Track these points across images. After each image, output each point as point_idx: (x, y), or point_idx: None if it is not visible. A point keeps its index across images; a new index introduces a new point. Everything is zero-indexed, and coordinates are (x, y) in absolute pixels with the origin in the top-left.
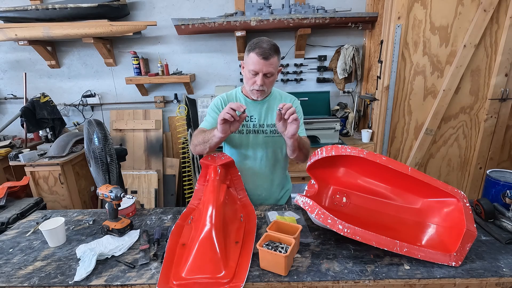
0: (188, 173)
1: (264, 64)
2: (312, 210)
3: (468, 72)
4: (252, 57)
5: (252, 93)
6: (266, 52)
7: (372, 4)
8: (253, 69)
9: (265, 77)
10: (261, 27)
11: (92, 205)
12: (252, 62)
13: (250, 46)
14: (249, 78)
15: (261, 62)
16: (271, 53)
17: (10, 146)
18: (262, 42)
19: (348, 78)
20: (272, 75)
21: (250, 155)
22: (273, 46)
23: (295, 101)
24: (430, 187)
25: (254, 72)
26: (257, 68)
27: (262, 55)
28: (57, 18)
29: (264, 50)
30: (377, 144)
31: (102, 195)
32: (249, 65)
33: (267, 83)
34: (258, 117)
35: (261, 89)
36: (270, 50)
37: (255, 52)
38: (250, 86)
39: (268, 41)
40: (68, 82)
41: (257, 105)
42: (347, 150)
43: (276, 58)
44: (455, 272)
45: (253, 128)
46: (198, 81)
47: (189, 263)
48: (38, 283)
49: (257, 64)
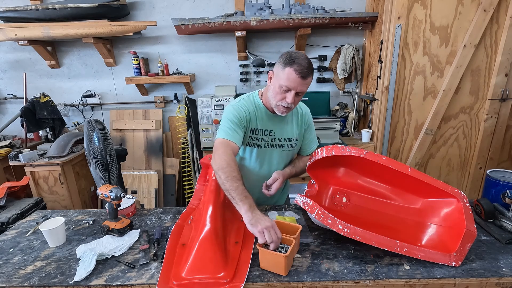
0: (188, 173)
1: (300, 83)
2: (312, 210)
3: (468, 72)
4: (289, 73)
5: (278, 108)
6: (304, 71)
7: (372, 4)
8: (287, 85)
9: (296, 95)
10: (261, 27)
11: (92, 205)
12: (287, 78)
13: (287, 60)
14: (278, 92)
15: (298, 80)
16: (309, 73)
17: (10, 146)
18: (301, 59)
19: (348, 78)
20: (302, 93)
21: (265, 168)
22: (311, 65)
23: (309, 116)
24: (430, 187)
25: (286, 88)
26: (292, 85)
27: (301, 73)
28: (57, 18)
29: (303, 68)
30: (377, 144)
31: (102, 195)
32: (282, 80)
33: (296, 101)
34: (277, 132)
35: (289, 106)
36: (308, 70)
37: (294, 69)
38: (278, 101)
39: (305, 58)
40: (68, 82)
41: (276, 119)
42: (347, 150)
43: (311, 78)
44: (455, 272)
45: (272, 142)
46: (198, 81)
47: (189, 263)
48: (38, 283)
49: (293, 82)
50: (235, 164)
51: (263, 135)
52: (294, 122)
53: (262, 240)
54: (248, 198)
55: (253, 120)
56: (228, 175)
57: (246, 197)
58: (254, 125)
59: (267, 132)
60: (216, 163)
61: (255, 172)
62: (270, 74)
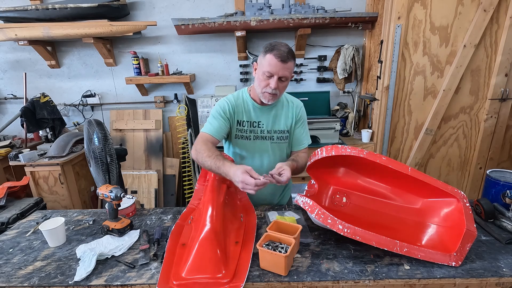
0: (188, 173)
1: (281, 67)
2: (312, 210)
3: (468, 72)
4: (269, 58)
5: (264, 96)
6: (284, 55)
7: (372, 4)
8: (269, 71)
9: (279, 81)
10: (261, 27)
11: (92, 205)
12: (268, 64)
13: (267, 48)
14: (262, 80)
15: (278, 64)
16: (288, 57)
17: (10, 146)
18: (280, 45)
19: (348, 78)
20: (286, 80)
21: (257, 161)
22: (291, 51)
23: (301, 108)
24: (430, 187)
25: (269, 74)
26: (273, 70)
27: (280, 57)
28: (57, 18)
29: (282, 52)
30: (377, 144)
31: (102, 195)
32: (264, 67)
33: (280, 87)
34: (266, 123)
35: (274, 93)
36: (288, 54)
37: (273, 54)
38: (263, 88)
39: (286, 45)
40: (68, 82)
41: (264, 111)
42: (347, 150)
43: (293, 63)
44: (455, 272)
45: (261, 134)
46: (198, 81)
47: (189, 263)
48: (38, 283)
49: (274, 66)
50: (207, 146)
51: (250, 127)
52: (284, 114)
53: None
54: (224, 163)
55: (239, 112)
56: (207, 155)
57: (223, 164)
58: (241, 117)
59: (255, 124)
60: (193, 151)
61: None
62: (255, 65)
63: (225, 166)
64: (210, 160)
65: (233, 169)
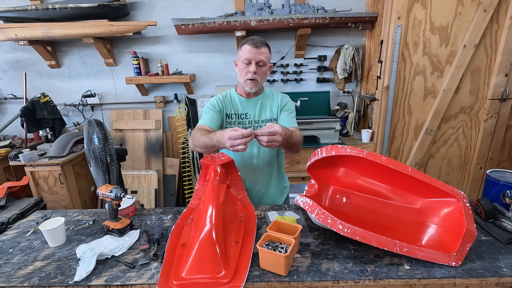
0: (188, 173)
1: (256, 53)
2: (312, 210)
3: (468, 72)
4: (245, 48)
5: (246, 84)
6: (257, 42)
7: (372, 4)
8: (246, 58)
9: (257, 66)
10: (261, 27)
11: (92, 205)
12: (244, 52)
13: (242, 42)
14: (242, 69)
15: (253, 50)
16: (262, 44)
17: (10, 146)
18: (253, 37)
19: (348, 78)
20: (264, 65)
21: (247, 151)
22: (263, 40)
23: (286, 97)
24: (430, 187)
25: (247, 61)
26: (249, 56)
27: (254, 44)
28: (57, 18)
29: (255, 41)
30: (377, 144)
31: (102, 195)
32: (242, 56)
33: (259, 73)
34: (253, 114)
35: (254, 77)
36: (261, 42)
37: (248, 43)
38: (244, 76)
39: (259, 37)
40: (68, 82)
41: (251, 103)
42: (347, 150)
43: (267, 50)
44: (455, 272)
45: (249, 125)
46: (198, 81)
47: (189, 263)
48: (38, 283)
49: (249, 53)
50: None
51: (238, 118)
52: (269, 104)
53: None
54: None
55: (227, 107)
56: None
57: (215, 133)
58: (229, 110)
59: (242, 116)
60: (190, 141)
61: (239, 155)
62: (235, 61)
63: (216, 134)
64: (203, 137)
65: (220, 132)
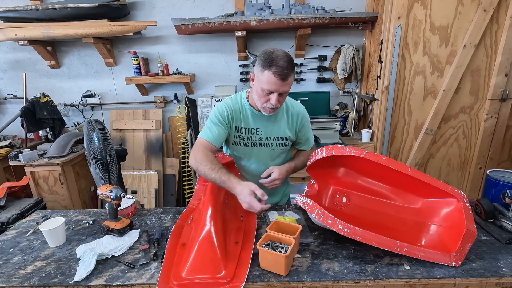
0: (188, 173)
1: (281, 85)
2: (312, 210)
3: (468, 72)
4: (268, 76)
5: (264, 110)
6: (284, 73)
7: (372, 4)
8: (268, 89)
9: (279, 96)
10: (261, 27)
11: (92, 205)
12: (267, 82)
13: (265, 62)
14: (261, 95)
15: (278, 83)
16: (289, 73)
17: (10, 146)
18: (279, 59)
19: (348, 78)
20: (286, 93)
21: (254, 167)
22: (290, 63)
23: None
24: (430, 187)
25: (268, 92)
26: (273, 88)
27: (280, 76)
28: (57, 18)
29: (282, 70)
30: (377, 144)
31: (102, 195)
32: (263, 83)
33: (281, 101)
34: (265, 130)
35: (275, 107)
36: (288, 70)
37: (272, 72)
38: (263, 104)
39: (284, 56)
40: (68, 82)
41: (263, 118)
42: (347, 150)
43: (293, 76)
44: (455, 272)
45: (259, 141)
46: (198, 81)
47: (189, 263)
48: (38, 283)
49: (273, 85)
50: (209, 157)
51: (248, 133)
52: (285, 120)
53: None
54: (230, 179)
55: (237, 119)
56: (209, 168)
57: (229, 179)
58: (239, 123)
59: (253, 131)
60: (193, 160)
61: (245, 170)
62: (251, 76)
63: (231, 182)
64: (214, 174)
65: (239, 187)
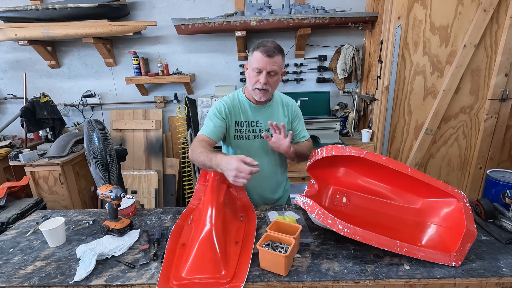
0: (188, 173)
1: (268, 62)
2: (312, 210)
3: (468, 72)
4: (256, 55)
5: (255, 93)
6: (270, 50)
7: (372, 4)
8: (256, 67)
9: (269, 76)
10: (261, 27)
11: (92, 205)
12: (256, 60)
13: (254, 46)
14: (252, 77)
15: (265, 59)
16: (275, 52)
17: (10, 146)
18: (267, 42)
19: (348, 78)
20: (276, 74)
21: (257, 160)
22: (277, 46)
23: (295, 106)
24: (430, 187)
25: (258, 70)
26: (261, 65)
27: (266, 52)
28: (57, 18)
29: (268, 48)
30: (377, 144)
31: (102, 195)
32: (252, 64)
33: (270, 83)
34: (264, 122)
35: (264, 88)
36: (275, 49)
37: (259, 50)
38: (253, 85)
39: (272, 41)
40: (68, 82)
41: (261, 110)
42: (347, 150)
43: (281, 58)
44: (455, 272)
45: (260, 133)
46: (198, 81)
47: (189, 263)
48: (38, 283)
49: (261, 62)
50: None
51: (249, 126)
52: (281, 112)
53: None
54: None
55: (237, 113)
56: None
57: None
58: (238, 117)
59: (253, 123)
60: (189, 152)
61: None
62: (246, 65)
63: (217, 157)
64: (203, 155)
65: (225, 159)
